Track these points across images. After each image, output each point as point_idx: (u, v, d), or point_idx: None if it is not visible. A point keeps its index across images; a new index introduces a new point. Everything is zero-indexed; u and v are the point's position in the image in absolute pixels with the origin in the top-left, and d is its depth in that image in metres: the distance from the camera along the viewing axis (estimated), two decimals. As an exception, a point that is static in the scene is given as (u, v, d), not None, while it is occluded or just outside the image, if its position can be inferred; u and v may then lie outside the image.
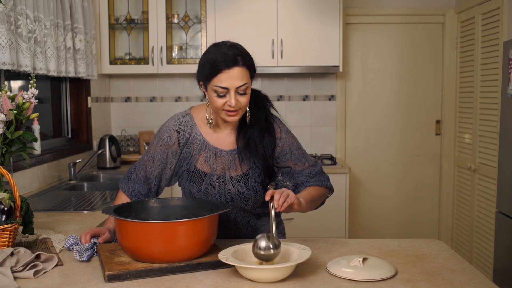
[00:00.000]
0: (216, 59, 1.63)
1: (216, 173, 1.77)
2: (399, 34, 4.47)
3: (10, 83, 3.03)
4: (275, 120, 1.83)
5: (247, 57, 1.69)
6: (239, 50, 1.68)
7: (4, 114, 1.68)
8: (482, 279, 1.42)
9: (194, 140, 1.78)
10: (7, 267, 1.41)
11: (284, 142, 1.81)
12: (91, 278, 1.42)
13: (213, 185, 1.76)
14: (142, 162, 1.84)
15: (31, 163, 2.86)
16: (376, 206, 4.59)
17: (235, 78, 1.63)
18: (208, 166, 1.78)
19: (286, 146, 1.80)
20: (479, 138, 3.83)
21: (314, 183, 1.81)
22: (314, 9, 3.93)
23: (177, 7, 4.16)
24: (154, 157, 1.81)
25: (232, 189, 1.76)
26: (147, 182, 1.83)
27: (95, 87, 3.97)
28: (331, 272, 1.45)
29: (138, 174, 1.83)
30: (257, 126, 1.76)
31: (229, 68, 1.62)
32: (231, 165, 1.77)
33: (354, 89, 4.51)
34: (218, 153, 1.78)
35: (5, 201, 1.58)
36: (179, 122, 1.80)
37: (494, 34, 3.61)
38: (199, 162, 1.78)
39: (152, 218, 1.67)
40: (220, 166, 1.77)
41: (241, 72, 1.64)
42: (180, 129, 1.79)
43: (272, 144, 1.77)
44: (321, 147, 4.45)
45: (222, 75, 1.62)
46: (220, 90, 1.63)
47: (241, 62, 1.64)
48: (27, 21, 2.68)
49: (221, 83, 1.62)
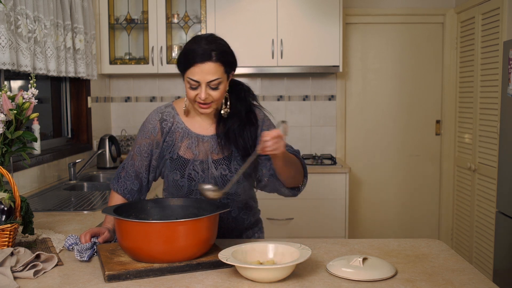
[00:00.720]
0: (192, 52, 1.67)
1: (199, 159, 1.80)
2: (399, 34, 4.47)
3: (10, 83, 3.03)
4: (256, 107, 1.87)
5: (223, 52, 1.69)
6: (216, 45, 1.68)
7: (4, 114, 1.67)
8: (482, 279, 1.42)
9: (176, 128, 1.82)
10: (7, 267, 1.41)
11: (263, 123, 1.85)
12: (91, 278, 1.42)
13: (196, 170, 1.79)
14: (129, 158, 1.87)
15: (31, 163, 2.86)
16: (376, 206, 4.59)
17: (207, 73, 1.65)
18: (190, 153, 1.80)
19: (265, 127, 1.84)
20: (479, 138, 3.83)
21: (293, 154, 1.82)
22: (314, 9, 3.93)
23: (177, 7, 4.16)
24: (141, 151, 1.83)
25: (215, 172, 1.79)
26: (138, 177, 1.85)
27: (95, 87, 3.97)
28: (331, 272, 1.45)
29: (128, 171, 1.85)
30: (237, 118, 1.79)
31: (202, 63, 1.65)
32: (213, 149, 1.81)
33: (354, 89, 4.51)
34: (200, 139, 1.81)
35: (5, 201, 1.58)
36: (161, 113, 1.84)
37: (494, 34, 3.61)
38: (181, 150, 1.81)
39: (152, 218, 1.67)
40: (202, 151, 1.80)
41: (214, 67, 1.66)
42: (163, 119, 1.82)
43: (253, 135, 1.80)
44: (321, 147, 4.45)
45: (194, 69, 1.66)
46: (192, 83, 1.68)
47: (215, 57, 1.66)
48: (27, 21, 2.68)
49: (193, 76, 1.67)
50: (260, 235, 2.03)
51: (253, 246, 1.51)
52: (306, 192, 3.80)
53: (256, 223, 2.01)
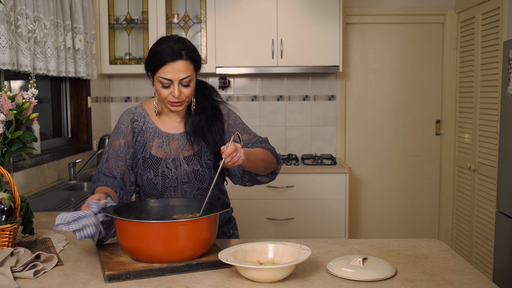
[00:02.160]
0: (162, 52, 1.72)
1: (171, 156, 1.85)
2: (399, 34, 4.47)
3: (10, 83, 3.02)
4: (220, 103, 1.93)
5: (192, 51, 1.76)
6: (184, 44, 1.76)
7: (4, 114, 1.67)
8: (482, 279, 1.42)
9: (147, 128, 1.87)
10: (7, 267, 1.41)
11: (229, 117, 1.91)
12: (91, 278, 1.42)
13: (169, 168, 1.84)
14: (103, 161, 1.88)
15: (31, 163, 2.86)
16: (376, 206, 4.59)
17: (179, 71, 1.72)
18: (162, 151, 1.85)
19: (231, 121, 1.91)
20: (479, 138, 3.83)
21: (260, 145, 1.87)
22: (314, 9, 3.93)
23: (177, 7, 4.16)
24: (116, 152, 1.86)
25: (187, 168, 1.84)
26: (115, 178, 1.85)
27: (95, 87, 3.97)
28: (331, 272, 1.45)
29: (105, 173, 1.86)
30: (204, 114, 1.86)
31: (173, 61, 1.71)
32: (184, 146, 1.86)
33: (354, 89, 4.51)
34: (171, 138, 1.86)
35: (5, 201, 1.58)
36: (132, 113, 1.90)
37: (494, 34, 3.61)
38: (153, 149, 1.85)
39: (152, 218, 1.67)
40: (173, 149, 1.85)
41: (185, 65, 1.73)
42: (134, 119, 1.88)
43: (220, 129, 1.87)
44: (321, 147, 4.45)
45: (166, 68, 1.71)
46: (164, 82, 1.73)
47: (185, 56, 1.73)
48: (27, 21, 2.68)
49: (165, 75, 1.72)
50: (235, 231, 2.09)
51: (253, 246, 1.51)
52: (306, 192, 3.82)
53: (230, 220, 2.08)
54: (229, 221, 2.07)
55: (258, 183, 1.88)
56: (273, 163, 1.86)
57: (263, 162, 1.80)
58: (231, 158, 1.57)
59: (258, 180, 1.87)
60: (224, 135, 1.89)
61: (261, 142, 1.89)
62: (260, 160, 1.78)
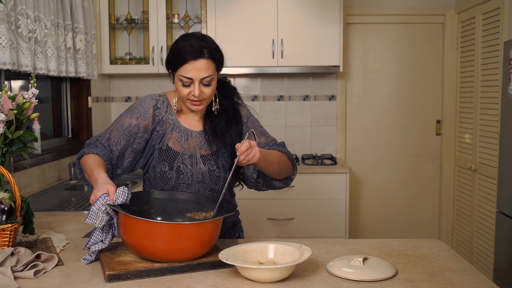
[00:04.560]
0: (183, 49, 1.68)
1: (188, 153, 1.81)
2: (399, 34, 4.47)
3: (10, 83, 3.03)
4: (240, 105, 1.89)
5: (214, 50, 1.72)
6: (206, 42, 1.71)
7: (5, 114, 1.68)
8: (482, 279, 1.42)
9: (167, 119, 1.82)
10: (7, 267, 1.41)
11: (248, 119, 1.88)
12: (92, 278, 1.42)
13: (185, 164, 1.80)
14: (106, 133, 1.78)
15: (32, 163, 2.86)
16: (376, 206, 4.59)
17: (200, 70, 1.67)
18: (180, 146, 1.81)
19: (249, 123, 1.88)
20: (479, 138, 3.83)
21: (276, 148, 1.83)
22: (315, 9, 3.93)
23: (178, 7, 4.16)
24: (123, 128, 1.77)
25: (203, 167, 1.80)
26: (111, 151, 1.76)
27: (95, 87, 3.97)
28: (331, 272, 1.45)
29: (102, 142, 1.76)
30: (224, 115, 1.82)
31: (195, 60, 1.67)
32: (201, 145, 1.82)
33: (355, 89, 4.50)
34: (189, 134, 1.82)
35: (6, 201, 1.58)
36: (156, 100, 1.83)
37: (494, 34, 3.61)
38: (171, 141, 1.81)
39: (155, 211, 1.67)
40: (191, 146, 1.82)
41: (206, 64, 1.68)
42: (157, 107, 1.81)
43: (239, 132, 1.83)
44: (321, 147, 4.45)
45: (187, 66, 1.67)
46: (185, 80, 1.69)
47: (207, 54, 1.68)
48: (27, 21, 2.68)
49: (186, 74, 1.68)
50: (241, 234, 2.06)
51: (253, 246, 1.51)
52: (307, 192, 3.82)
53: (236, 223, 2.05)
54: (235, 224, 2.04)
55: (273, 187, 1.84)
56: (288, 168, 1.82)
57: (279, 165, 1.76)
58: (246, 156, 1.54)
59: (273, 184, 1.82)
60: (243, 137, 1.84)
61: (278, 146, 1.85)
62: (275, 163, 1.74)
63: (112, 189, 1.49)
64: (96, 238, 1.52)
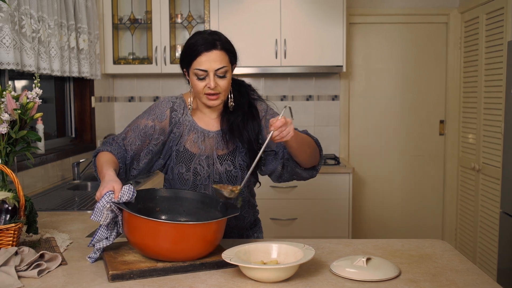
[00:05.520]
0: (196, 43, 1.70)
1: (205, 154, 1.81)
2: (402, 34, 4.46)
3: (14, 83, 3.03)
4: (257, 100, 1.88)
5: (226, 42, 1.75)
6: (218, 35, 1.75)
7: (8, 114, 1.68)
8: (486, 279, 1.42)
9: (184, 121, 1.82)
10: (11, 266, 1.41)
11: (266, 112, 1.87)
12: (95, 278, 1.42)
13: (202, 165, 1.80)
14: (123, 132, 1.81)
15: (35, 163, 2.87)
16: (379, 206, 4.58)
17: (214, 61, 1.69)
18: (196, 147, 1.81)
19: (269, 116, 1.86)
20: (483, 138, 3.82)
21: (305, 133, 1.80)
22: (318, 9, 3.93)
23: (181, 7, 4.17)
24: (139, 129, 1.79)
25: (220, 167, 1.80)
26: (126, 151, 1.77)
27: (98, 87, 3.98)
28: (334, 272, 1.45)
29: (118, 142, 1.78)
30: (240, 112, 1.81)
31: (208, 51, 1.69)
32: (218, 145, 1.82)
33: (358, 89, 4.50)
34: (206, 134, 1.82)
35: (10, 200, 1.59)
36: (172, 102, 1.84)
37: (498, 34, 3.60)
38: (188, 143, 1.81)
39: (159, 208, 1.67)
40: (208, 146, 1.81)
41: (220, 55, 1.70)
42: (174, 109, 1.83)
43: (256, 128, 1.82)
44: (324, 147, 4.44)
45: (201, 58, 1.69)
46: (200, 73, 1.70)
47: (219, 46, 1.71)
48: (31, 21, 2.69)
49: (200, 66, 1.69)
50: (259, 235, 2.04)
51: (256, 246, 1.51)
52: (310, 192, 3.82)
53: (256, 223, 2.03)
54: (255, 224, 2.02)
55: (297, 176, 1.81)
56: (316, 154, 1.79)
57: (309, 148, 1.73)
58: (280, 132, 1.52)
59: (298, 173, 1.79)
60: (262, 131, 1.83)
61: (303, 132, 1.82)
62: (306, 145, 1.72)
63: (117, 187, 1.49)
64: (101, 235, 1.53)
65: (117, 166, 1.71)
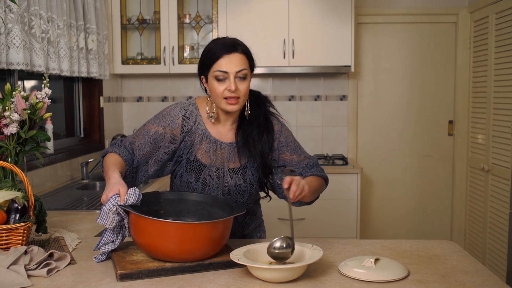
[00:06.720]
0: (216, 47, 1.71)
1: (215, 165, 1.79)
2: (411, 34, 4.44)
3: (23, 83, 3.05)
4: (273, 116, 1.87)
5: (245, 47, 1.76)
6: (238, 41, 1.76)
7: (18, 114, 1.69)
8: (495, 280, 1.41)
9: (196, 129, 1.79)
10: (20, 265, 1.42)
11: (281, 134, 1.85)
12: (104, 277, 1.43)
13: (211, 176, 1.78)
14: (132, 136, 1.78)
15: (44, 163, 2.88)
16: (388, 207, 4.56)
17: (235, 63, 1.69)
18: (208, 157, 1.78)
19: (282, 139, 1.85)
20: (492, 139, 3.80)
21: (313, 173, 1.83)
22: (326, 9, 3.92)
23: (189, 7, 4.17)
24: (148, 135, 1.75)
25: (230, 181, 1.79)
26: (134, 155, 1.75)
27: (107, 87, 3.99)
28: (342, 272, 1.45)
29: (126, 146, 1.75)
30: (256, 123, 1.80)
31: (229, 54, 1.69)
32: (230, 157, 1.80)
33: (366, 89, 4.49)
34: (218, 145, 1.80)
35: (19, 200, 1.60)
36: (185, 110, 1.80)
37: (508, 33, 3.58)
38: (199, 152, 1.78)
39: (164, 212, 1.67)
40: (219, 158, 1.79)
41: (240, 58, 1.71)
42: (186, 117, 1.79)
43: (270, 143, 1.81)
44: (332, 147, 4.43)
45: (222, 60, 1.69)
46: (220, 75, 1.69)
47: (240, 49, 1.72)
48: (40, 21, 2.70)
49: (220, 68, 1.69)
50: (262, 234, 2.06)
51: (264, 246, 1.51)
52: (318, 192, 3.80)
53: (259, 225, 2.05)
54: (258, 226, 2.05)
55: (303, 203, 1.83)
56: (321, 188, 1.85)
57: (317, 193, 1.80)
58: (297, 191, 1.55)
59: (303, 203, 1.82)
60: (274, 152, 1.83)
61: (311, 167, 1.84)
62: (317, 191, 1.78)
63: (123, 190, 1.49)
64: (107, 238, 1.53)
65: (124, 168, 1.69)
